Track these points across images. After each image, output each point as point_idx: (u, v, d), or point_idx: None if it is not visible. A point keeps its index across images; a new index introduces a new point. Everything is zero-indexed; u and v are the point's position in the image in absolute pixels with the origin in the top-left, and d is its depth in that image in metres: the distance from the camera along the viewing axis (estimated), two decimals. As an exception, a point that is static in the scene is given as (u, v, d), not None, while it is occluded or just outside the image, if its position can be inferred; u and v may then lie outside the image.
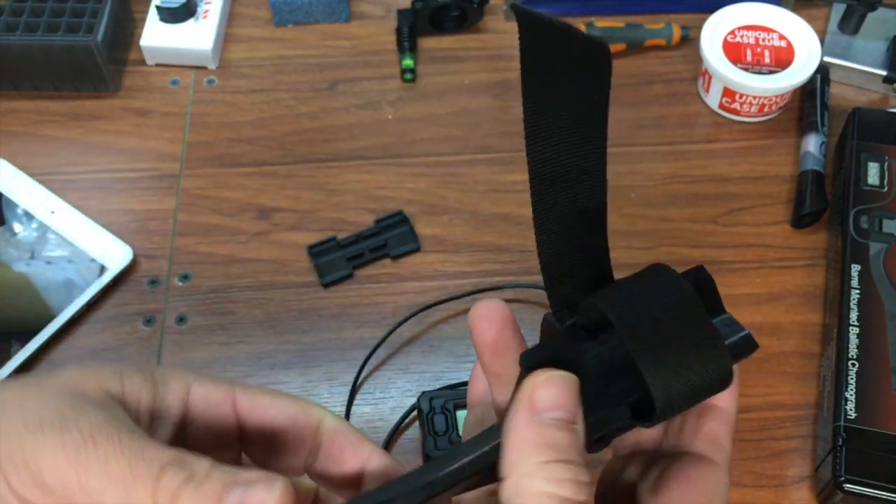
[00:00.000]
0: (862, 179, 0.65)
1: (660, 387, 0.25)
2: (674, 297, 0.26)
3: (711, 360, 0.26)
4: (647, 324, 0.26)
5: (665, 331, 0.26)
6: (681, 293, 0.26)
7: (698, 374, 0.26)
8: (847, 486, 0.53)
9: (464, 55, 0.78)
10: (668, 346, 0.25)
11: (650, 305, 0.26)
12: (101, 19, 0.72)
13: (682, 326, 0.26)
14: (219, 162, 0.72)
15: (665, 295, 0.26)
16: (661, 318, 0.26)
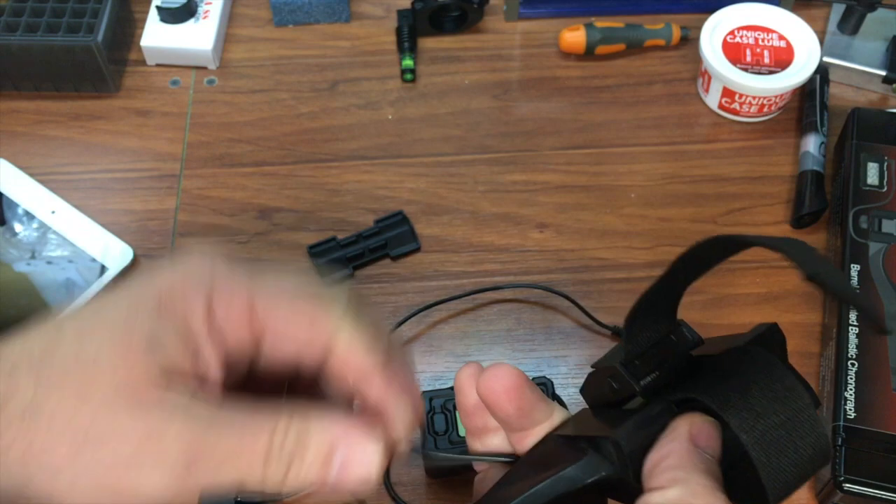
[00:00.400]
0: (861, 179, 0.65)
1: (778, 487, 0.26)
2: (792, 407, 0.27)
3: (813, 447, 0.27)
4: (762, 427, 0.27)
5: (782, 440, 0.27)
6: (798, 402, 0.27)
7: (804, 466, 0.27)
8: (846, 485, 0.53)
9: (464, 55, 0.78)
10: (785, 455, 0.27)
11: (767, 410, 0.27)
12: (101, 19, 0.72)
13: (791, 422, 0.27)
14: (219, 162, 0.72)
15: (778, 395, 0.27)
16: (776, 422, 0.27)
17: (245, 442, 0.27)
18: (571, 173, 0.71)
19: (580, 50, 0.77)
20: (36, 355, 0.27)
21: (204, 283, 0.29)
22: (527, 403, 0.31)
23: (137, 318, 0.28)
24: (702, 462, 0.28)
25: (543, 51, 0.79)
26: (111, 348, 0.27)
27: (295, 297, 0.30)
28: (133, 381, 0.27)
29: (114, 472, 0.26)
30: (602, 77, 0.77)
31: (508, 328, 0.64)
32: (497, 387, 0.31)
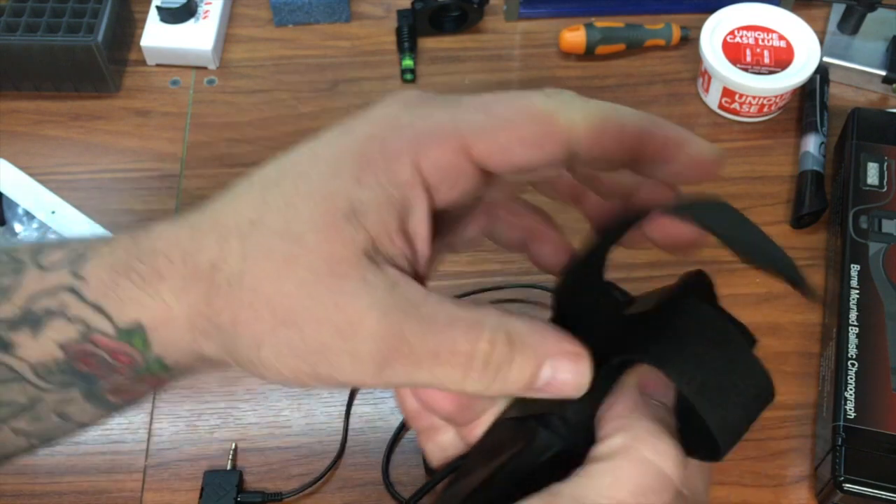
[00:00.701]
0: (861, 179, 0.65)
1: (726, 432, 0.26)
2: (728, 351, 0.27)
3: (755, 386, 0.27)
4: (702, 376, 0.26)
5: (723, 385, 0.26)
6: (733, 345, 0.27)
7: (749, 406, 0.27)
8: (846, 485, 0.53)
9: (464, 55, 0.78)
10: (730, 400, 0.26)
11: (704, 358, 0.27)
12: (101, 20, 0.72)
13: (729, 366, 0.27)
14: (219, 162, 0.72)
15: (714, 342, 0.27)
16: (714, 368, 0.27)
17: (446, 347, 0.25)
18: (571, 173, 0.71)
19: (580, 50, 0.77)
20: (245, 225, 0.27)
21: (405, 140, 0.27)
22: (465, 397, 0.30)
23: (338, 186, 0.26)
24: (648, 408, 0.27)
25: (543, 51, 0.79)
26: (313, 223, 0.26)
27: (509, 116, 0.27)
28: (335, 260, 0.25)
29: (311, 357, 0.26)
30: (602, 77, 0.77)
31: (508, 328, 0.63)
32: (429, 389, 0.30)
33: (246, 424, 0.60)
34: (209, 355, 0.28)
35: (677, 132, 0.28)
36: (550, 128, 0.27)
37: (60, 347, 0.28)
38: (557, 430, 0.28)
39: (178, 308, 0.27)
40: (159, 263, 0.27)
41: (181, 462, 0.58)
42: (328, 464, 0.58)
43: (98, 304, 0.27)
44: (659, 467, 0.25)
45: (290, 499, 0.57)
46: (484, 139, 0.27)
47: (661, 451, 0.25)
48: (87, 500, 0.57)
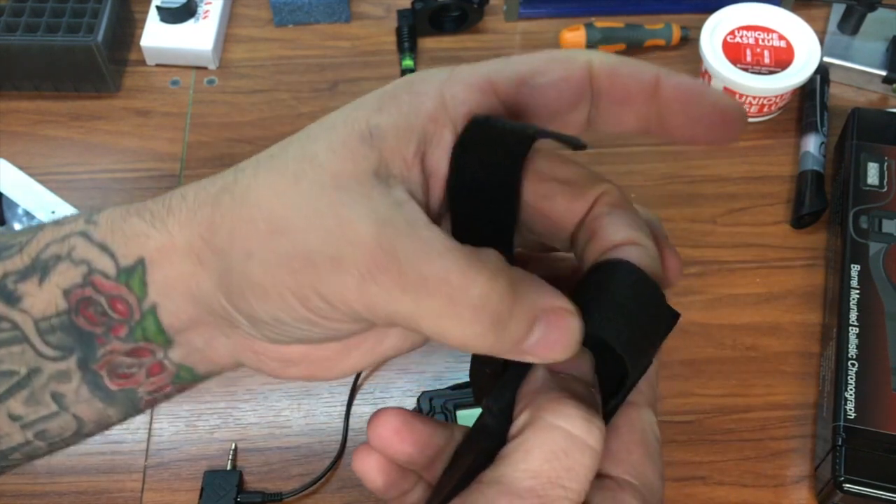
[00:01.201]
0: (861, 179, 0.65)
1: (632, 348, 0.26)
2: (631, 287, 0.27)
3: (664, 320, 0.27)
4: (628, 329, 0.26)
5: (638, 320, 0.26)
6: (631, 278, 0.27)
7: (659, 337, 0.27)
8: (846, 485, 0.53)
9: (464, 55, 0.78)
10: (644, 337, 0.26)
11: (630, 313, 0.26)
12: (101, 20, 0.72)
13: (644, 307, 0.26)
14: (219, 162, 0.72)
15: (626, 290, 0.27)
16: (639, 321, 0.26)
17: (438, 274, 0.24)
18: (571, 173, 0.71)
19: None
20: (264, 157, 0.27)
21: (440, 76, 0.28)
22: (422, 435, 0.29)
23: (359, 116, 0.26)
24: (555, 382, 0.26)
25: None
26: (328, 144, 0.26)
27: (534, 59, 0.28)
28: (343, 175, 0.25)
29: (295, 264, 0.24)
30: (602, 77, 0.77)
31: (508, 328, 0.63)
32: (384, 432, 0.29)
33: (246, 424, 0.60)
34: (205, 293, 0.26)
35: (697, 84, 0.27)
36: (571, 64, 0.27)
37: (64, 294, 0.27)
38: (488, 428, 0.28)
39: (181, 236, 0.26)
40: (172, 201, 0.27)
41: (181, 462, 0.58)
42: (328, 464, 0.58)
43: (104, 242, 0.27)
44: (567, 430, 0.24)
45: (290, 499, 0.57)
46: (509, 75, 0.27)
47: (566, 414, 0.24)
48: (86, 500, 0.57)
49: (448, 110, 0.27)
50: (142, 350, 0.28)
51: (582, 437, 0.24)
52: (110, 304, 0.27)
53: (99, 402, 0.29)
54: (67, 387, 0.28)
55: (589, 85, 0.27)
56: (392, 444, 0.29)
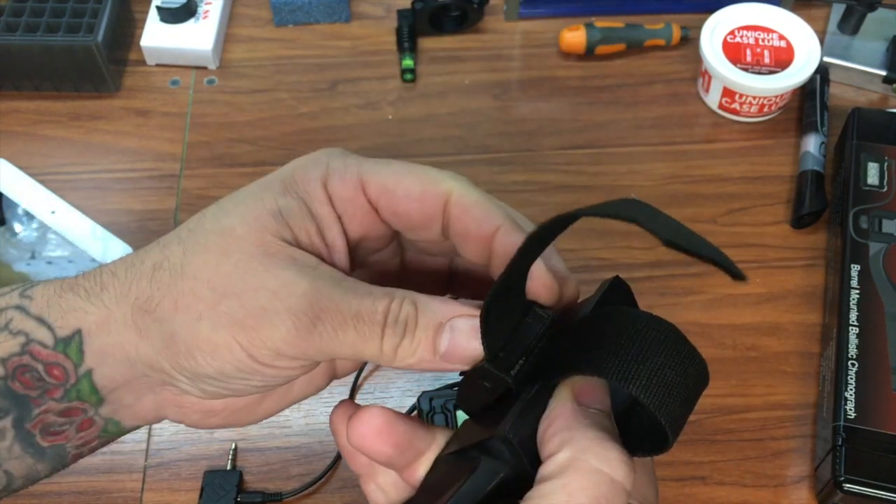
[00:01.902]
0: (861, 179, 0.65)
1: (674, 422, 0.26)
2: (664, 343, 0.27)
3: (695, 375, 0.27)
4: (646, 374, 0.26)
5: (667, 378, 0.27)
6: (666, 336, 0.27)
7: (691, 394, 0.27)
8: (846, 485, 0.53)
9: (464, 55, 0.78)
10: (674, 391, 0.27)
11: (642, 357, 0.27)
12: (101, 19, 0.72)
13: (668, 359, 0.27)
14: (219, 162, 0.72)
15: (647, 339, 0.27)
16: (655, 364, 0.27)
17: (366, 305, 0.28)
18: (571, 173, 0.71)
19: (580, 50, 0.77)
20: (184, 232, 0.30)
21: (319, 169, 0.32)
22: (402, 438, 0.30)
23: (266, 197, 0.30)
24: (588, 418, 0.27)
25: (543, 51, 0.79)
26: (244, 219, 0.30)
27: (403, 171, 0.31)
28: (266, 244, 0.29)
29: (248, 321, 0.28)
30: (602, 77, 0.77)
31: (508, 328, 0.63)
32: (365, 430, 0.30)
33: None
34: (144, 357, 0.29)
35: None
36: (431, 188, 0.31)
37: (1, 362, 0.29)
38: (500, 455, 0.28)
39: (118, 309, 0.29)
40: (104, 277, 0.30)
41: (181, 462, 0.58)
42: (328, 464, 0.58)
43: (41, 316, 0.29)
44: (609, 475, 0.25)
45: (290, 499, 0.57)
46: (377, 181, 0.31)
47: (609, 459, 0.26)
48: (86, 499, 0.57)
49: (334, 206, 0.31)
50: (74, 409, 0.30)
51: (622, 482, 0.26)
52: (47, 370, 0.29)
53: (30, 458, 0.30)
54: (1, 445, 0.30)
55: (442, 211, 0.31)
56: (373, 445, 0.30)
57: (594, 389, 0.28)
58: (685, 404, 0.27)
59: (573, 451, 0.26)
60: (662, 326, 0.27)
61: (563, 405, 0.27)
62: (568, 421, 0.27)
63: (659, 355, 0.26)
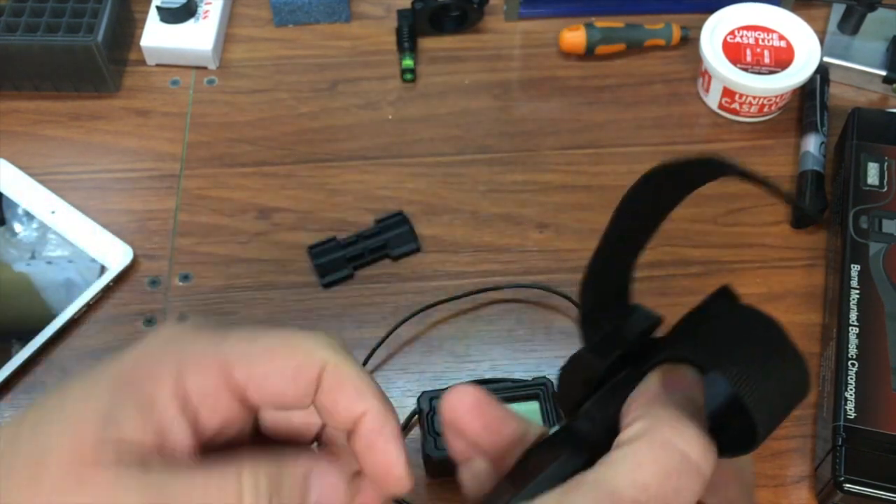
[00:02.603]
0: (861, 179, 0.65)
1: (766, 419, 0.25)
2: (759, 333, 0.26)
3: (796, 380, 0.26)
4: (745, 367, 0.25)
5: (761, 368, 0.25)
6: (764, 328, 0.26)
7: (788, 397, 0.26)
8: (847, 485, 0.53)
9: (464, 55, 0.78)
10: (775, 395, 0.25)
11: (745, 351, 0.26)
12: (101, 19, 0.72)
13: (770, 358, 0.26)
14: (219, 162, 0.72)
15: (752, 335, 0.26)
16: (756, 359, 0.26)
17: (212, 492, 0.26)
18: (571, 173, 0.71)
19: (580, 50, 0.77)
20: (8, 453, 0.27)
21: (170, 365, 0.27)
22: (493, 419, 0.29)
23: (93, 396, 0.27)
24: (670, 398, 0.26)
25: (543, 51, 0.79)
26: (62, 430, 0.26)
27: (273, 346, 0.28)
28: (82, 460, 0.26)
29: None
30: (602, 77, 0.77)
31: (508, 328, 0.63)
32: (459, 405, 0.30)
33: None
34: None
35: (389, 451, 0.29)
36: (307, 361, 0.28)
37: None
38: (582, 433, 0.28)
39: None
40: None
41: (181, 462, 0.58)
42: (328, 464, 0.58)
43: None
44: (683, 450, 0.24)
45: None
46: (244, 365, 0.27)
47: (684, 434, 0.25)
48: (86, 500, 0.57)
49: (184, 397, 0.27)
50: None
51: (698, 462, 0.24)
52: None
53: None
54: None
55: (315, 384, 0.28)
56: (463, 419, 0.30)
57: (684, 378, 0.27)
58: (781, 405, 0.26)
59: (648, 422, 0.25)
60: (764, 322, 0.26)
61: (649, 387, 0.27)
62: (650, 398, 0.26)
63: (759, 351, 0.25)
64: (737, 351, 0.25)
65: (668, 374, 0.27)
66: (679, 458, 0.24)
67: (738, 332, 0.26)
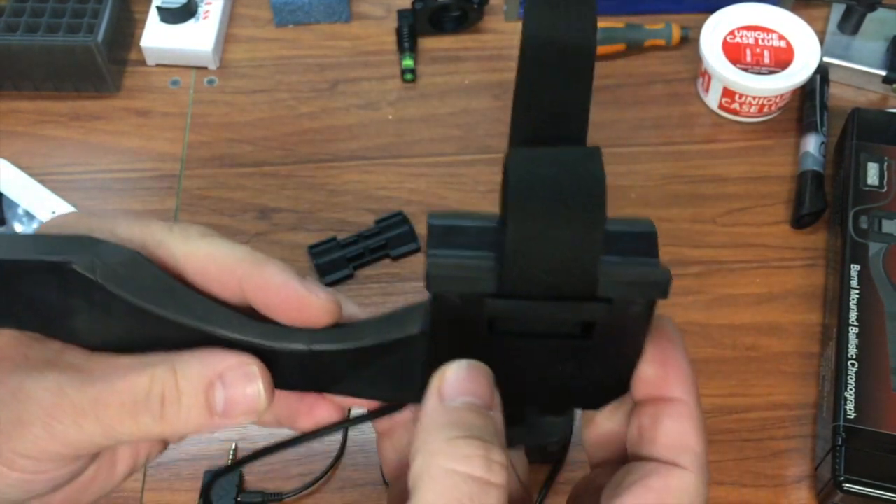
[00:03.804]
0: (861, 179, 0.65)
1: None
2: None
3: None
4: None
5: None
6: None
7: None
8: (846, 485, 0.53)
9: (464, 55, 0.78)
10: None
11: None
12: (101, 20, 0.72)
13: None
14: (219, 162, 0.72)
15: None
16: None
17: (107, 391, 0.26)
18: (571, 173, 0.71)
19: (580, 50, 0.77)
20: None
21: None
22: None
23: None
24: (448, 416, 0.25)
25: (543, 51, 0.79)
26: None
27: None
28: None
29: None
30: (602, 77, 0.77)
31: (508, 328, 0.63)
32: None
33: (246, 424, 0.60)
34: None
35: (278, 275, 0.28)
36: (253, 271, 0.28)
37: None
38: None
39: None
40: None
41: (181, 462, 0.58)
42: (328, 464, 0.58)
43: None
44: (465, 472, 0.24)
45: (290, 499, 0.57)
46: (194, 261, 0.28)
47: (461, 456, 0.24)
48: (87, 500, 0.57)
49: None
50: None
51: (484, 476, 0.24)
52: None
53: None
54: None
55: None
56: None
57: (463, 380, 0.26)
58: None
59: (423, 457, 0.25)
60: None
61: (426, 402, 0.26)
62: (424, 421, 0.26)
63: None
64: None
65: (446, 376, 0.26)
66: (463, 481, 0.24)
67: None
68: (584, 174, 0.24)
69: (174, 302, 0.27)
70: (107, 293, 0.27)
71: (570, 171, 0.24)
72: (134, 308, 0.27)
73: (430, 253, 0.25)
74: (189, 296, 0.28)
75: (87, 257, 0.27)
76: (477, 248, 0.25)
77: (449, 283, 0.24)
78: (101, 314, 0.27)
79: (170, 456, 0.59)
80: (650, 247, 0.26)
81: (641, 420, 0.28)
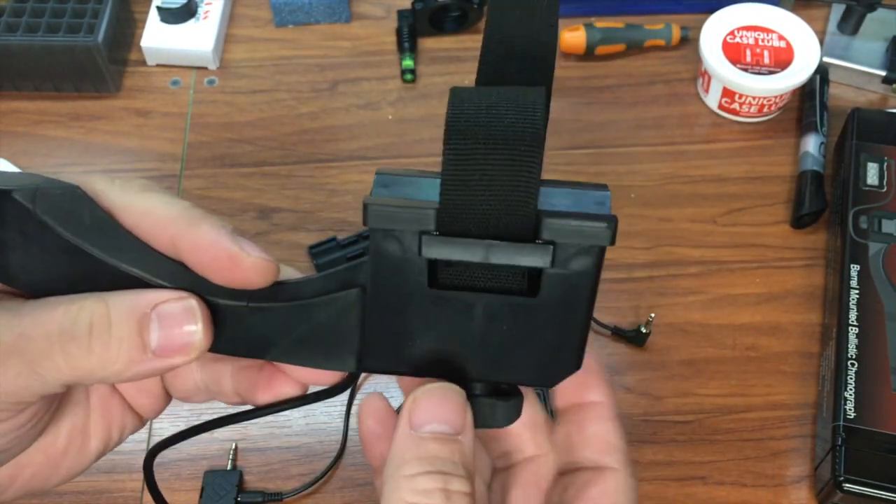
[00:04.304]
0: (861, 179, 0.65)
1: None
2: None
3: None
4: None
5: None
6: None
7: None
8: (846, 485, 0.53)
9: (464, 55, 0.78)
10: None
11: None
12: (101, 20, 0.72)
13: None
14: (219, 162, 0.72)
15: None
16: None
17: (33, 325, 0.25)
18: (571, 173, 0.71)
19: (580, 50, 0.77)
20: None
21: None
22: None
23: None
24: (418, 447, 0.27)
25: (543, 51, 0.79)
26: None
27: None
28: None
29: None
30: (602, 77, 0.77)
31: (508, 328, 0.63)
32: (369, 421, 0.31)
33: (246, 424, 0.60)
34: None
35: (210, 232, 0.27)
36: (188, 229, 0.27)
37: None
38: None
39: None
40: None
41: (181, 462, 0.58)
42: (328, 464, 0.58)
43: None
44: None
45: (290, 499, 0.57)
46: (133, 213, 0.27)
47: (421, 491, 0.26)
48: (86, 499, 0.57)
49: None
50: None
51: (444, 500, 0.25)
52: None
53: None
54: None
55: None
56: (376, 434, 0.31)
57: (433, 405, 0.27)
58: None
59: (389, 489, 0.26)
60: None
61: (397, 429, 0.27)
62: (393, 451, 0.27)
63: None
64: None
65: (416, 404, 0.27)
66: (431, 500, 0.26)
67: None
68: (521, 108, 0.24)
69: (109, 242, 0.26)
70: (43, 226, 0.26)
71: (508, 105, 0.24)
72: (69, 245, 0.26)
73: (373, 192, 0.25)
74: (126, 239, 0.27)
75: (29, 188, 0.26)
76: (418, 195, 0.25)
77: (386, 219, 0.24)
78: (36, 251, 0.26)
79: (170, 456, 0.59)
80: (602, 201, 0.26)
81: (568, 428, 0.30)
